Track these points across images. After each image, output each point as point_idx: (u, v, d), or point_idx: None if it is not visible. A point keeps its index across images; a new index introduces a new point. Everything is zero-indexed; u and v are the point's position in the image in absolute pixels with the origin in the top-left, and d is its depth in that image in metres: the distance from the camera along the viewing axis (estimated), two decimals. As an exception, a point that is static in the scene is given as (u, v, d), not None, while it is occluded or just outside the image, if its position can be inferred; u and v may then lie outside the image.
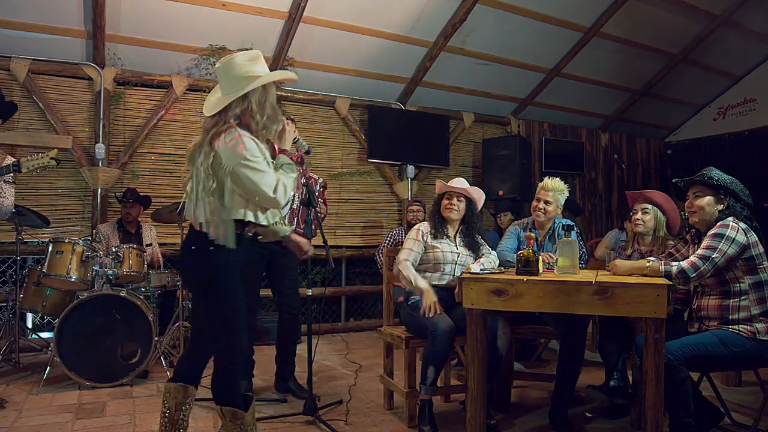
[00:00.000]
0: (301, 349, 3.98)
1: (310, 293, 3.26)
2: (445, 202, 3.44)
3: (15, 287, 4.35)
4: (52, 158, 3.14)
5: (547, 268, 2.97)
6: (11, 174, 3.41)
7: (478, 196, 3.50)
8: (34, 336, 4.88)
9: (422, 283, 3.23)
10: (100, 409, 3.43)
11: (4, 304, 4.65)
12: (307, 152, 2.80)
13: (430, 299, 3.14)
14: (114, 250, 4.14)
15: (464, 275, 2.76)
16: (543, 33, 6.26)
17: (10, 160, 3.54)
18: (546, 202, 3.47)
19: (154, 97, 5.50)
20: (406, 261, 3.31)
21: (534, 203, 3.53)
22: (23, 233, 4.42)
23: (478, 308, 2.66)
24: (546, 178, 3.53)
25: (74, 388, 3.76)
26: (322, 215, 3.77)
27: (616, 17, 6.28)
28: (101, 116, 5.19)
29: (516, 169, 6.51)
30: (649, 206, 3.45)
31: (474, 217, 3.47)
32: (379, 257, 5.67)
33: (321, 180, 3.73)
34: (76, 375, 3.73)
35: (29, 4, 4.69)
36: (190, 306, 4.81)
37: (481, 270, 2.96)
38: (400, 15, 5.65)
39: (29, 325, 5.09)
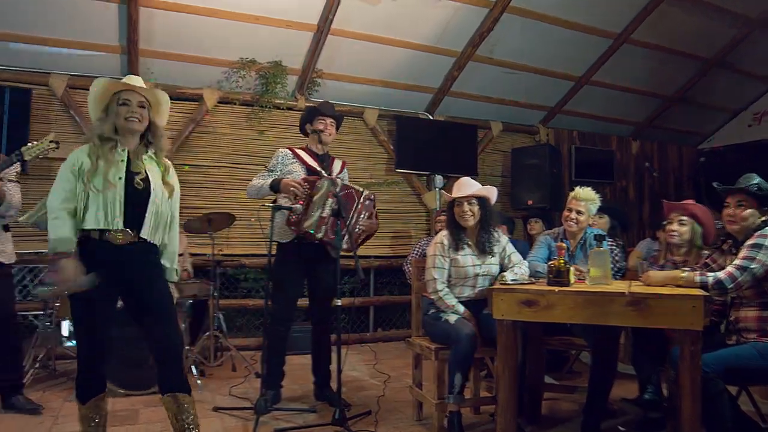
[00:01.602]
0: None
1: (340, 303, 3.27)
2: (457, 210, 3.36)
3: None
4: (51, 141, 3.19)
5: (579, 279, 2.93)
6: (15, 173, 3.47)
7: (489, 192, 3.44)
8: (69, 344, 4.97)
9: (461, 309, 3.24)
10: (134, 417, 3.49)
11: (42, 313, 4.76)
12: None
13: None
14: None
15: (496, 285, 2.74)
16: (572, 41, 6.21)
17: None
18: (578, 212, 3.42)
19: (186, 109, 5.61)
20: (445, 290, 3.30)
21: (565, 213, 3.49)
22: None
23: (509, 319, 2.63)
24: (578, 188, 3.48)
25: (108, 395, 3.81)
26: (371, 230, 3.74)
27: (647, 23, 6.20)
28: (135, 129, 5.29)
29: (545, 179, 6.45)
30: (686, 218, 3.31)
31: (491, 217, 3.40)
32: (407, 268, 5.66)
33: (365, 192, 3.67)
34: (110, 383, 3.74)
35: (67, 21, 4.85)
36: (221, 316, 4.88)
37: (512, 280, 2.93)
38: (427, 25, 5.67)
39: (65, 333, 5.19)
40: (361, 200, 3.61)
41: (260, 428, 3.19)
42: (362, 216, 3.66)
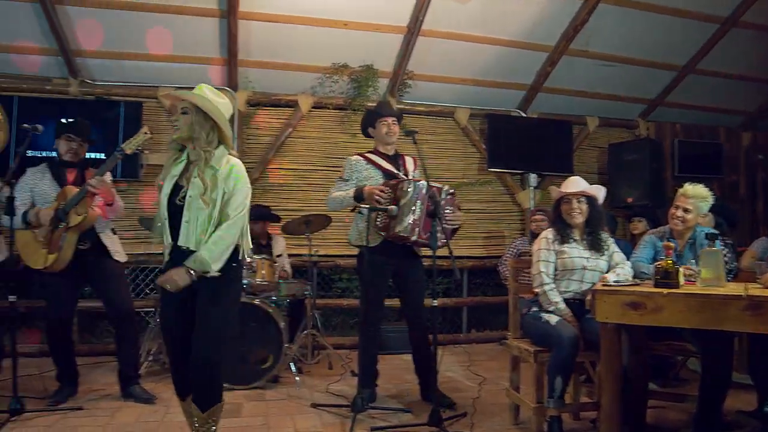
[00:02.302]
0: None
1: (435, 304, 3.27)
2: (565, 207, 3.30)
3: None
4: (145, 132, 3.37)
5: (688, 281, 2.77)
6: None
7: (598, 192, 3.37)
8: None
9: (563, 307, 3.16)
10: (237, 410, 3.65)
11: (153, 310, 5.10)
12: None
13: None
14: (248, 260, 4.40)
15: (598, 287, 2.64)
16: (673, 28, 5.86)
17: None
18: (685, 210, 3.24)
19: (282, 115, 5.84)
20: (551, 285, 3.24)
21: (672, 210, 3.31)
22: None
23: (613, 322, 2.53)
24: (687, 184, 3.29)
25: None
26: (458, 224, 3.71)
27: (758, 4, 5.72)
28: (236, 136, 5.58)
29: (646, 175, 6.15)
30: None
31: (598, 216, 3.33)
32: (502, 268, 5.58)
33: (446, 188, 3.64)
34: (217, 378, 3.98)
35: (173, 37, 5.19)
36: (318, 315, 5.01)
37: (615, 281, 2.82)
38: (518, 21, 5.56)
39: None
40: (443, 196, 3.57)
41: (357, 426, 3.24)
42: (447, 211, 3.61)
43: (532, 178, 6.35)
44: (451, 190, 3.64)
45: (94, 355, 5.01)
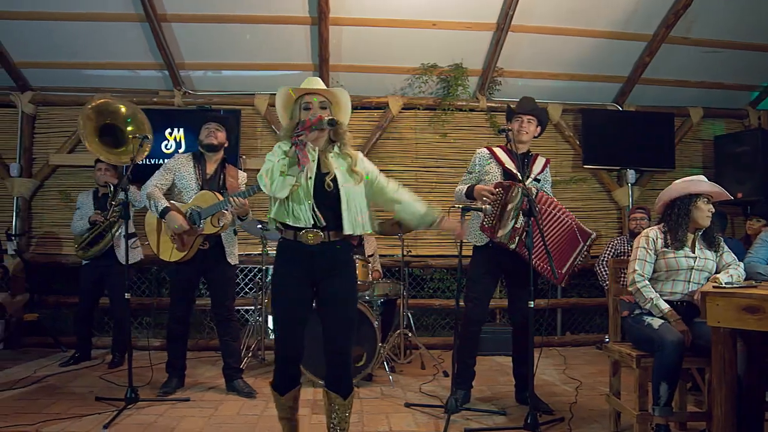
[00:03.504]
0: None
1: (532, 305, 3.20)
2: (706, 207, 3.09)
3: (261, 292, 4.98)
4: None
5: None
6: None
7: (721, 192, 3.16)
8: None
9: (664, 305, 3.01)
10: (333, 407, 3.73)
11: (252, 308, 5.32)
12: (331, 123, 2.59)
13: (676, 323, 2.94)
14: (342, 260, 4.50)
15: (709, 289, 2.49)
16: (788, 6, 5.41)
17: (241, 176, 4.12)
18: (807, 207, 2.99)
19: (372, 117, 5.94)
20: (644, 282, 3.10)
21: (792, 208, 3.07)
22: (268, 246, 5.04)
23: (726, 327, 2.37)
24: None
25: (309, 385, 4.08)
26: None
27: None
28: (327, 139, 5.72)
29: (757, 168, 5.75)
30: None
31: (715, 217, 3.14)
32: (599, 269, 5.38)
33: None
34: (311, 374, 4.09)
35: (266, 46, 5.41)
36: (410, 315, 5.05)
37: (726, 283, 2.65)
38: (612, 10, 5.33)
39: (271, 326, 5.77)
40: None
41: (451, 427, 3.23)
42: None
43: (631, 175, 6.08)
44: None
45: (198, 350, 5.31)
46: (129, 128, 4.26)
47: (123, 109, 4.33)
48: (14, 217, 5.68)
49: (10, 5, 5.02)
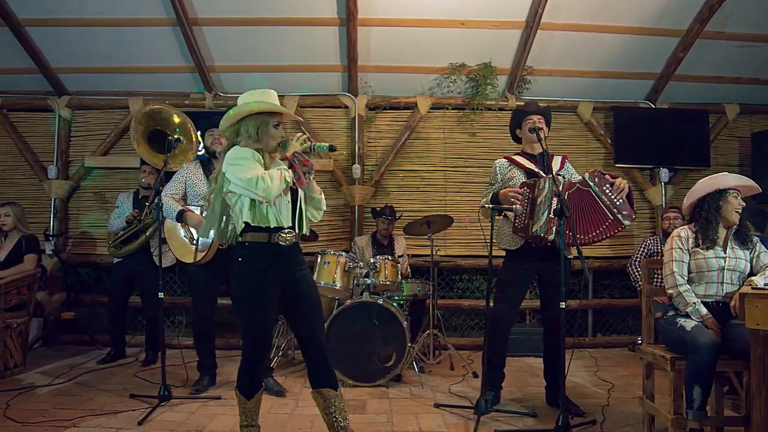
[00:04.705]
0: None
1: (563, 305, 3.16)
2: (735, 201, 3.04)
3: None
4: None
5: None
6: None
7: (750, 185, 3.13)
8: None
9: (704, 311, 2.96)
10: (362, 407, 3.74)
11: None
12: (331, 149, 2.75)
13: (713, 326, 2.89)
14: (372, 261, 4.53)
15: (746, 290, 2.43)
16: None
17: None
18: None
19: (400, 118, 5.94)
20: (685, 285, 3.04)
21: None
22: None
23: (766, 329, 2.31)
24: None
25: (340, 385, 4.14)
26: (626, 191, 3.47)
27: None
28: (356, 139, 5.76)
29: (798, 166, 5.57)
30: None
31: (754, 215, 3.07)
32: (632, 269, 5.29)
33: (587, 174, 3.48)
34: (341, 373, 4.11)
35: (295, 48, 5.46)
36: (440, 315, 5.03)
37: (765, 284, 2.58)
38: (644, 6, 5.23)
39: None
40: (596, 181, 3.41)
41: (481, 428, 3.22)
42: (607, 189, 3.42)
43: (664, 173, 5.97)
44: (596, 171, 3.46)
45: (228, 349, 5.37)
46: (176, 136, 4.36)
47: (175, 119, 4.50)
48: (52, 218, 5.84)
49: (46, 13, 5.16)
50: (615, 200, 3.38)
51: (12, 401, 3.68)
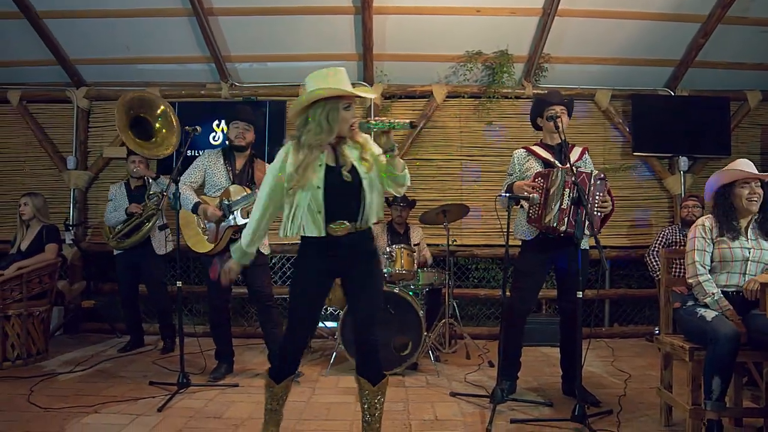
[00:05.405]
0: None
1: (580, 295, 3.14)
2: (744, 191, 3.01)
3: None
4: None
5: None
6: None
7: (755, 174, 3.05)
8: (321, 325, 5.58)
9: (725, 302, 2.93)
10: (379, 395, 3.77)
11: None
12: (412, 125, 2.57)
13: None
14: (388, 250, 4.52)
15: (766, 279, 2.40)
16: None
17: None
18: None
19: (416, 106, 5.91)
20: (707, 275, 3.02)
21: None
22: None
23: (786, 320, 2.29)
24: None
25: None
26: (607, 210, 3.45)
27: None
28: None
29: (822, 154, 5.47)
30: None
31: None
32: (650, 259, 5.24)
33: (596, 173, 3.42)
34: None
35: (310, 37, 5.45)
36: (456, 304, 5.03)
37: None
38: (664, -9, 5.16)
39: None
40: (592, 182, 3.39)
41: (497, 417, 3.22)
42: (597, 198, 3.42)
43: (683, 162, 5.89)
44: (602, 175, 3.44)
45: (245, 338, 5.42)
46: (158, 124, 4.36)
47: (157, 104, 4.48)
48: (71, 208, 5.92)
49: (64, 5, 5.21)
50: (593, 209, 3.33)
51: (35, 387, 3.77)
